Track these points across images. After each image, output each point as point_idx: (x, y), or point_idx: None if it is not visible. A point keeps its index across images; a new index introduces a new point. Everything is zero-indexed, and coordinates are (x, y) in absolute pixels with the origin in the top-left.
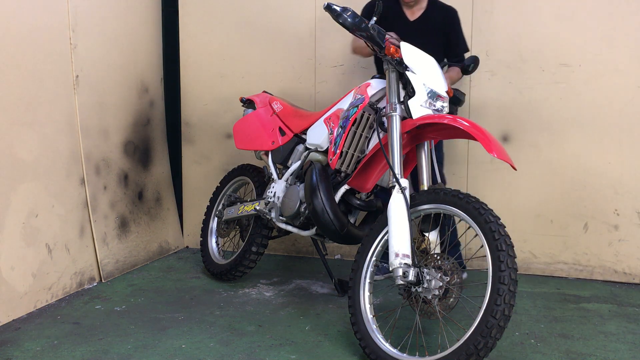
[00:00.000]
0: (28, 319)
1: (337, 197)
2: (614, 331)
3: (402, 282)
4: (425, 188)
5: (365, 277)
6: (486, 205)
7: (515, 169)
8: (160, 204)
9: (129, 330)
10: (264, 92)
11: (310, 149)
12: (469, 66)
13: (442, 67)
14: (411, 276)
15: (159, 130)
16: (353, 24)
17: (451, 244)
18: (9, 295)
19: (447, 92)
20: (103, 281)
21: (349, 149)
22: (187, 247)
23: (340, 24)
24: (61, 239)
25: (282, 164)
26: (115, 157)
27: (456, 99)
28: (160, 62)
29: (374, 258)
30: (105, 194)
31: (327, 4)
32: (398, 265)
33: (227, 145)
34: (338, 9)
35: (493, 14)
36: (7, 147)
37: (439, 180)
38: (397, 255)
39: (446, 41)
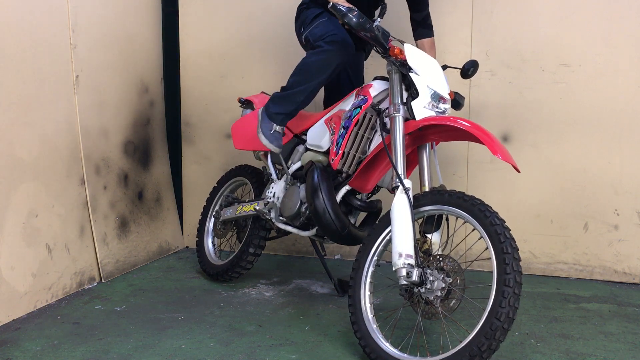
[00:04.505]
0: (28, 319)
1: (338, 197)
2: (614, 331)
3: (405, 282)
4: (427, 189)
5: (366, 277)
6: (491, 207)
7: (519, 172)
8: (160, 204)
9: (129, 330)
10: (262, 92)
11: (311, 149)
12: (469, 70)
13: (443, 69)
14: (415, 276)
15: (159, 130)
16: (358, 24)
17: None
18: (9, 295)
19: (448, 94)
20: (103, 281)
21: (350, 149)
22: (187, 247)
23: (346, 23)
24: (61, 239)
25: (282, 164)
26: (115, 157)
27: (456, 103)
28: (160, 62)
29: (375, 258)
30: (105, 194)
31: (333, 3)
32: (402, 266)
33: (227, 145)
34: (343, 9)
35: (493, 14)
36: (7, 147)
37: (440, 181)
38: (400, 255)
39: None
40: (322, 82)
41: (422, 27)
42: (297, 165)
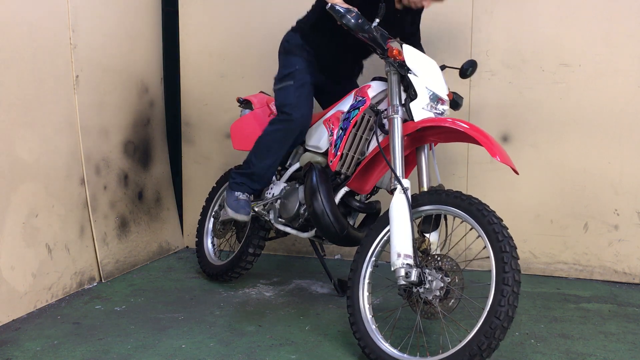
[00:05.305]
0: (28, 319)
1: (337, 199)
2: (614, 331)
3: (404, 283)
4: (425, 189)
5: (364, 277)
6: (489, 206)
7: (517, 173)
8: (160, 204)
9: (129, 330)
10: (261, 92)
11: (309, 150)
12: (467, 70)
13: (442, 69)
14: (414, 277)
15: (159, 130)
16: (356, 25)
17: None
18: (9, 295)
19: (447, 95)
20: (103, 281)
21: (349, 151)
22: (187, 247)
23: (344, 24)
24: (61, 239)
25: (281, 165)
26: (115, 157)
27: (454, 103)
28: (160, 62)
29: (373, 258)
30: (105, 194)
31: (331, 4)
32: (400, 266)
33: (227, 145)
34: (342, 10)
35: (493, 14)
36: (7, 147)
37: (439, 181)
38: (399, 255)
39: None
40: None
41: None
42: (296, 166)
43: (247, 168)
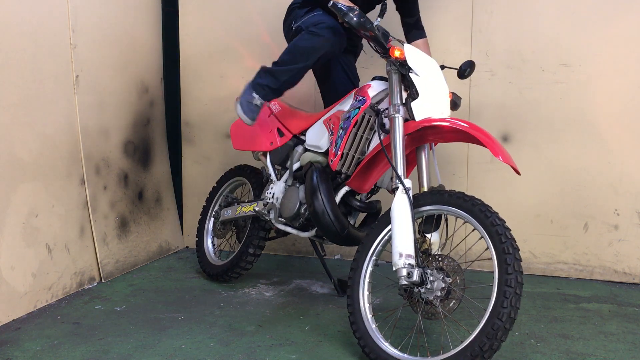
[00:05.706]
0: (28, 319)
1: (338, 198)
2: (614, 331)
3: (406, 283)
4: (425, 189)
5: (364, 277)
6: (491, 208)
7: (519, 174)
8: (160, 204)
9: (129, 330)
10: None
11: (310, 150)
12: (465, 70)
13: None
14: (415, 277)
15: (159, 130)
16: (359, 23)
17: None
18: (9, 295)
19: (447, 95)
20: (103, 281)
21: (349, 150)
22: (187, 247)
23: (346, 22)
24: (61, 239)
25: (281, 165)
26: (115, 157)
27: (453, 103)
28: (160, 62)
29: (374, 257)
30: (105, 194)
31: (333, 2)
32: (402, 266)
33: (227, 145)
34: (344, 8)
35: (493, 14)
36: (7, 147)
37: (439, 181)
38: (401, 255)
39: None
40: (307, 67)
41: (415, 29)
42: (296, 165)
43: (276, 65)
